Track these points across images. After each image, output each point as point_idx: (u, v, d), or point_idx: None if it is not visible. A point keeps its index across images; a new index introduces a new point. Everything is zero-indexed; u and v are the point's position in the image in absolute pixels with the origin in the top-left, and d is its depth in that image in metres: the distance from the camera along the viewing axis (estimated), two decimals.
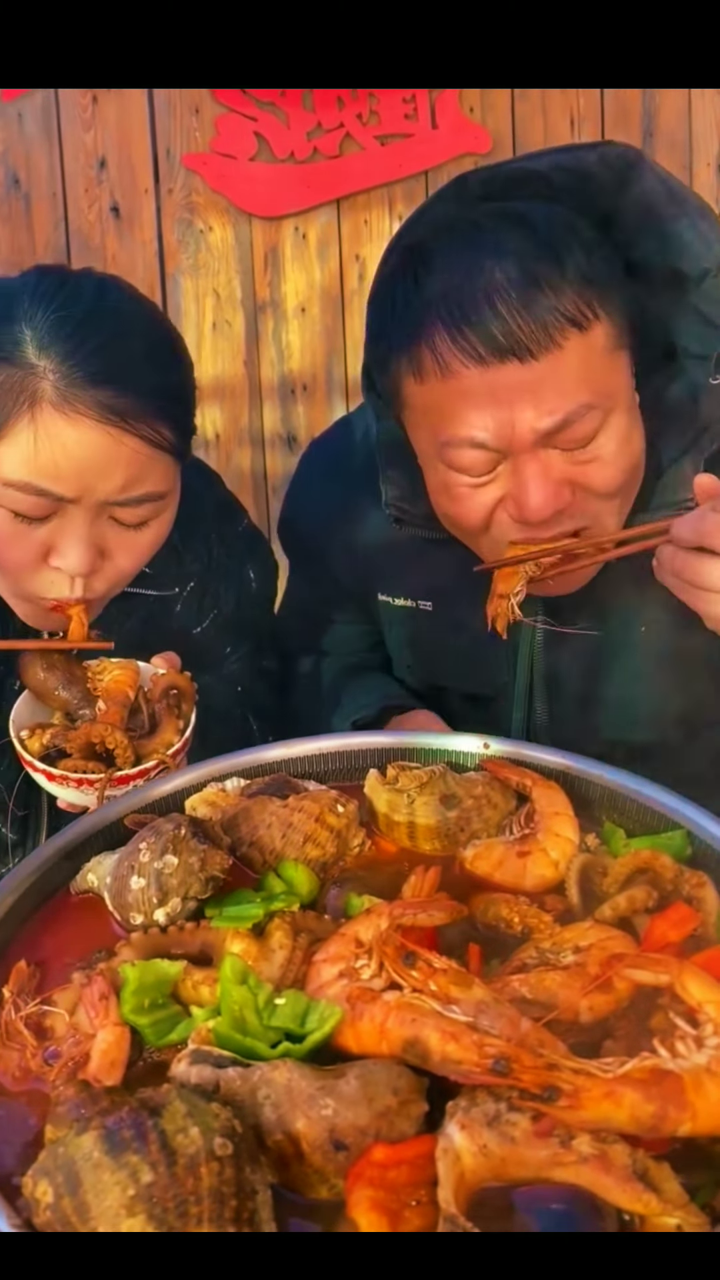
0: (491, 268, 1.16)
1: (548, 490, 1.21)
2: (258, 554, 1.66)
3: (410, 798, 1.11)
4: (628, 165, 1.26)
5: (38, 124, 3.10)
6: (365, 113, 3.14)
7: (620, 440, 1.23)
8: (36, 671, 1.31)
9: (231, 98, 3.10)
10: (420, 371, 1.20)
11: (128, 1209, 0.68)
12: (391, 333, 1.23)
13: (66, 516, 1.23)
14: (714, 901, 0.99)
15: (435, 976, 0.84)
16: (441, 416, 1.22)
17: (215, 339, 3.27)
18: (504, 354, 1.15)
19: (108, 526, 1.26)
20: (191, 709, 1.30)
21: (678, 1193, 0.74)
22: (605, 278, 1.19)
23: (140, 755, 1.23)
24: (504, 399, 1.17)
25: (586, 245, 1.18)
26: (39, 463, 1.19)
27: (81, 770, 1.21)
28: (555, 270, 1.16)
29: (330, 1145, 0.76)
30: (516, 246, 1.16)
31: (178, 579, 1.52)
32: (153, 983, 0.90)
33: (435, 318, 1.17)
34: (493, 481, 1.24)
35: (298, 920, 0.97)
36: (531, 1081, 0.76)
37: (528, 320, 1.14)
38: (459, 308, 1.15)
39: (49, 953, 0.99)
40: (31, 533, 1.24)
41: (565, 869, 1.05)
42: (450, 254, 1.19)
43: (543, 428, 1.17)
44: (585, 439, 1.20)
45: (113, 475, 1.21)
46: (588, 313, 1.16)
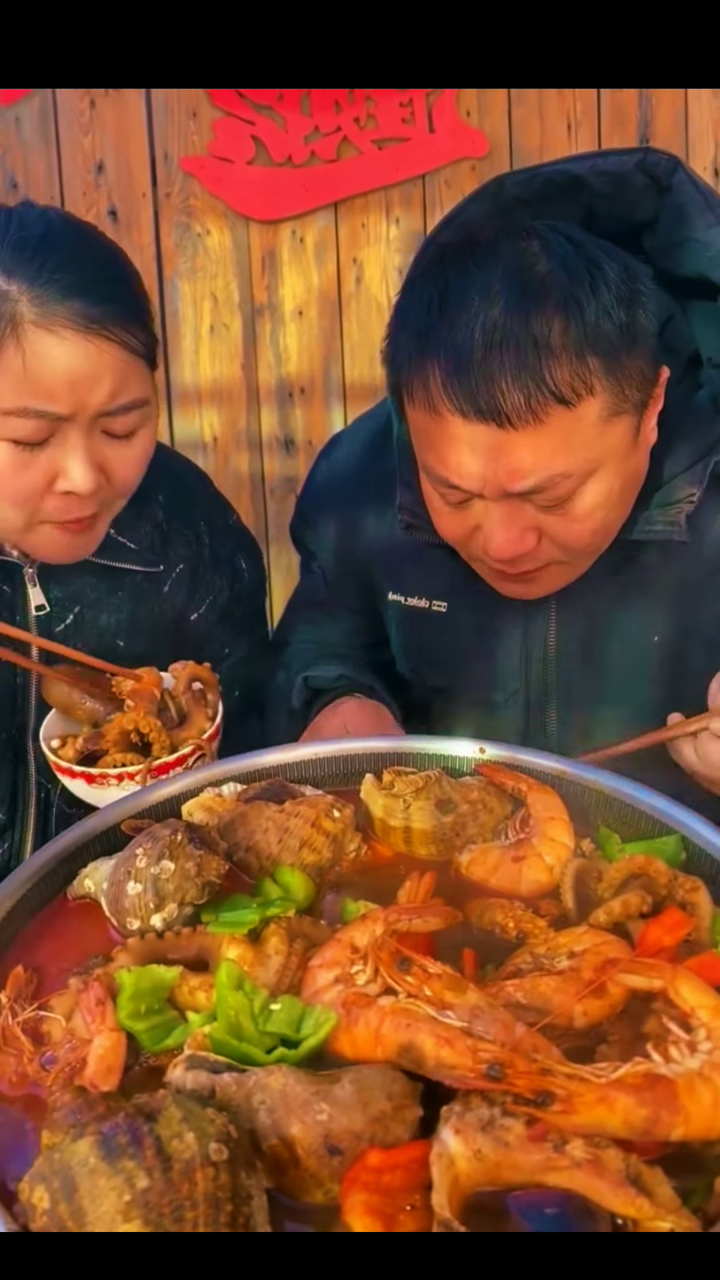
0: (499, 318, 1.13)
1: (512, 535, 1.23)
2: (248, 548, 1.69)
3: (406, 802, 1.11)
4: (666, 172, 1.27)
5: (35, 128, 3.11)
6: (362, 117, 3.14)
7: (597, 501, 1.23)
8: (61, 687, 1.34)
9: (229, 102, 3.11)
10: (413, 398, 1.22)
11: (124, 1214, 0.69)
12: (400, 350, 1.24)
13: (64, 437, 1.27)
14: (708, 906, 1.00)
15: (430, 982, 0.84)
16: (427, 443, 1.24)
17: (213, 342, 3.27)
18: (484, 417, 1.15)
19: (102, 441, 1.30)
20: (218, 698, 1.33)
21: (670, 1197, 0.74)
22: (615, 345, 1.16)
23: (175, 745, 1.26)
24: (479, 454, 1.18)
25: (603, 307, 1.15)
26: (30, 384, 1.23)
27: (120, 764, 1.23)
28: (560, 332, 1.13)
29: (325, 1150, 0.77)
30: (529, 296, 1.14)
31: (165, 558, 1.54)
32: (149, 988, 0.91)
33: (434, 358, 1.17)
34: (468, 509, 1.26)
35: (293, 926, 0.97)
36: (525, 1086, 0.77)
37: (514, 391, 1.13)
38: (456, 357, 1.15)
39: (46, 958, 0.99)
40: (34, 460, 1.27)
41: (560, 874, 1.05)
42: (467, 288, 1.16)
43: (513, 489, 1.19)
44: (558, 500, 1.21)
45: (100, 385, 1.25)
46: (580, 390, 1.14)
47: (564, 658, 1.44)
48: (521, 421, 1.14)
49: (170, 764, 1.23)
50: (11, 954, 0.99)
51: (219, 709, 1.31)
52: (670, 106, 3.25)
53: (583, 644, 1.42)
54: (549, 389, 1.13)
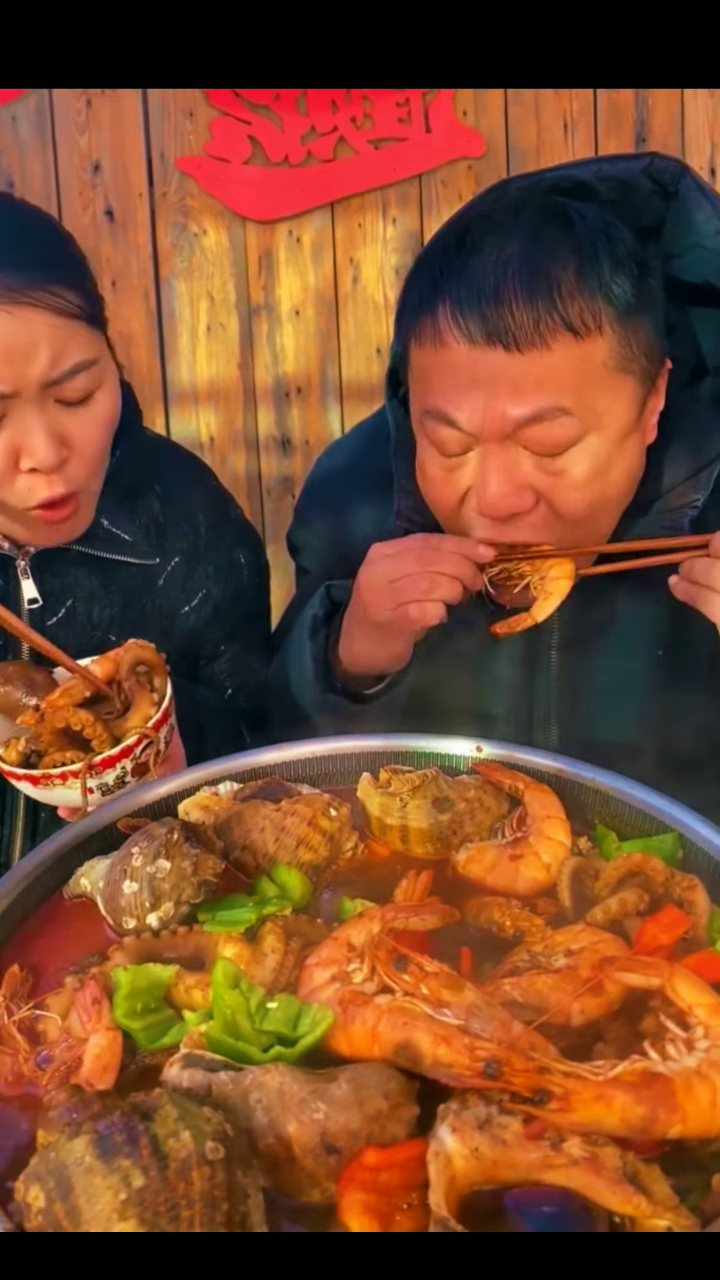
0: (512, 256, 1.16)
1: (507, 487, 1.21)
2: (249, 544, 1.67)
3: (403, 801, 1.11)
4: (673, 178, 1.27)
5: (32, 127, 3.10)
6: (359, 116, 3.14)
7: (595, 465, 1.22)
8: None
9: (225, 101, 3.11)
10: (420, 336, 1.23)
11: (119, 1213, 0.68)
12: (411, 292, 1.25)
13: (15, 415, 1.25)
14: (705, 904, 1.00)
15: (427, 980, 0.84)
16: (427, 385, 1.24)
17: (209, 342, 3.27)
18: (491, 338, 1.16)
19: (57, 412, 1.28)
20: (165, 682, 1.26)
21: (668, 1195, 0.74)
22: (625, 297, 1.18)
23: (120, 735, 1.20)
24: (483, 381, 1.18)
25: (616, 259, 1.18)
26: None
27: (61, 764, 1.18)
28: (574, 274, 1.16)
29: (322, 1149, 0.76)
30: (548, 240, 1.17)
31: (160, 550, 1.53)
32: (145, 987, 0.91)
33: (448, 289, 1.19)
34: (462, 467, 1.25)
35: (290, 924, 0.97)
36: (522, 1084, 0.77)
37: (524, 313, 1.15)
38: (467, 286, 1.17)
39: (42, 957, 0.99)
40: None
41: (557, 872, 1.05)
42: (486, 235, 1.20)
43: (513, 415, 1.18)
44: (555, 445, 1.20)
45: (37, 355, 1.23)
46: (589, 323, 1.16)
47: (566, 670, 1.43)
48: (529, 344, 1.15)
49: (114, 757, 1.18)
50: (7, 953, 0.99)
51: (166, 693, 1.25)
52: (667, 107, 3.25)
53: (584, 656, 1.42)
54: (560, 314, 1.15)
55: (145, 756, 1.20)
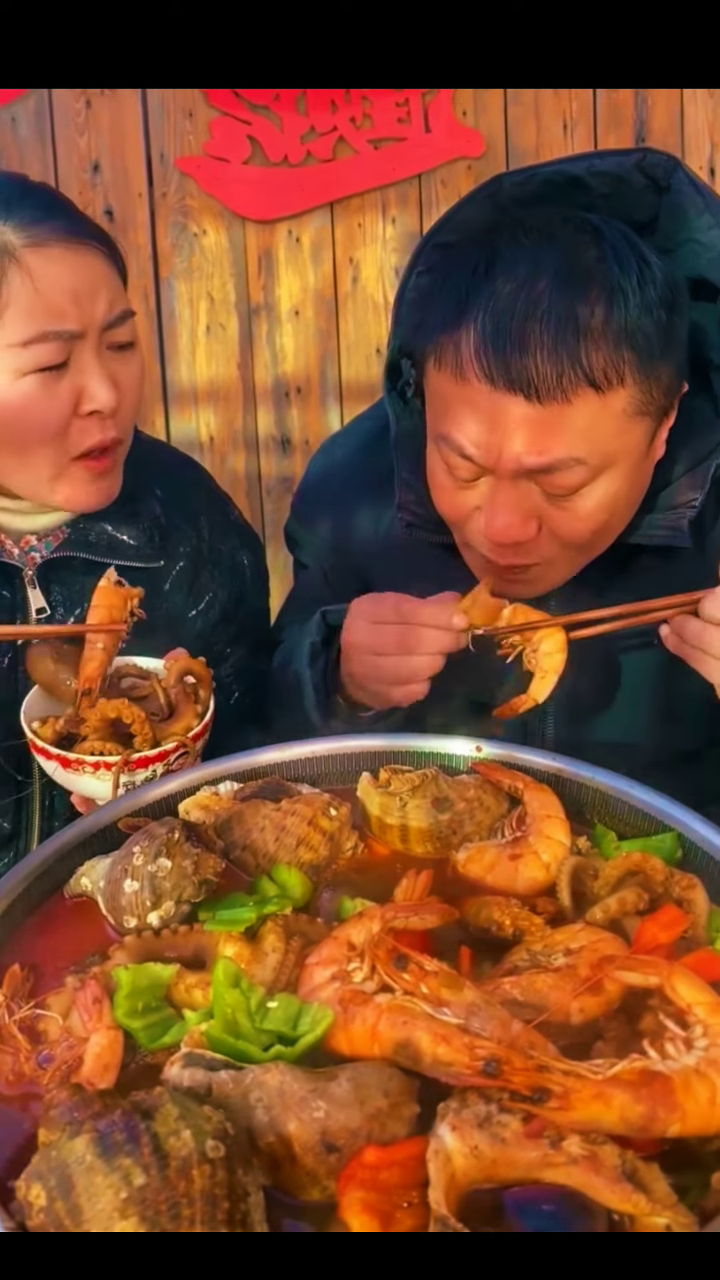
0: (542, 295, 1.14)
1: (515, 519, 1.22)
2: (250, 545, 1.68)
3: (402, 801, 1.11)
4: (666, 173, 1.27)
5: (31, 128, 3.11)
6: (358, 116, 3.14)
7: (604, 500, 1.23)
8: (47, 664, 1.29)
9: (225, 101, 3.11)
10: (440, 360, 1.22)
11: (120, 1212, 0.69)
12: (434, 308, 1.23)
13: (79, 359, 1.32)
14: (704, 904, 1.00)
15: (427, 979, 0.84)
16: (444, 410, 1.23)
17: (209, 342, 3.27)
18: (513, 386, 1.15)
19: (109, 358, 1.35)
20: (210, 695, 1.29)
21: (667, 1193, 0.75)
22: (651, 344, 1.16)
23: (159, 739, 1.22)
24: (500, 424, 1.17)
25: (646, 303, 1.16)
26: (43, 307, 1.28)
27: (98, 752, 1.19)
28: (602, 320, 1.14)
29: (322, 1147, 0.77)
30: (578, 276, 1.15)
31: (164, 552, 1.53)
32: (146, 986, 0.91)
33: (473, 320, 1.17)
34: (472, 489, 1.25)
35: (290, 923, 0.97)
36: (522, 1083, 0.77)
37: (548, 365, 1.13)
38: (494, 322, 1.15)
39: (43, 956, 0.99)
40: (57, 386, 1.31)
41: (557, 871, 1.05)
42: (516, 258, 1.17)
43: (527, 465, 1.18)
44: (567, 488, 1.21)
45: (98, 296, 1.32)
46: (612, 378, 1.15)
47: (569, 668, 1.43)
48: (549, 397, 1.14)
49: (150, 759, 1.18)
50: (8, 952, 0.99)
51: (210, 706, 1.28)
52: (666, 107, 3.26)
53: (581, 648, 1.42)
54: (583, 370, 1.13)
55: (178, 765, 1.21)
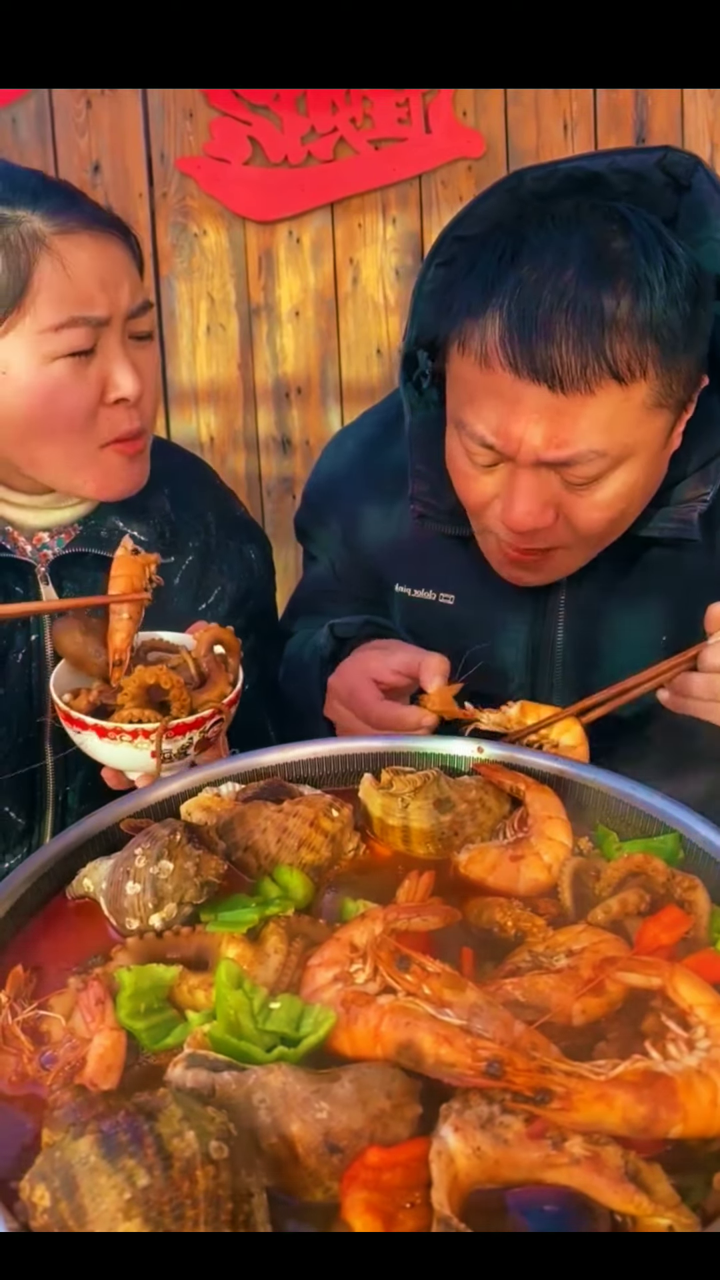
0: (571, 281, 1.14)
1: (534, 506, 1.23)
2: (257, 539, 1.69)
3: (404, 802, 1.11)
4: (687, 172, 1.28)
5: (32, 128, 3.11)
6: (359, 117, 3.14)
7: (622, 490, 1.23)
8: (75, 635, 1.28)
9: (225, 102, 3.11)
10: (464, 344, 1.22)
11: (124, 1212, 0.69)
12: (459, 294, 1.23)
13: (104, 345, 1.34)
14: (705, 904, 1.00)
15: (429, 980, 0.84)
16: (468, 395, 1.24)
17: (209, 342, 3.27)
18: (537, 376, 1.15)
19: (132, 348, 1.38)
20: (239, 664, 1.30)
21: (669, 1194, 0.75)
22: (676, 336, 1.17)
23: (195, 707, 1.22)
24: (523, 413, 1.18)
25: (672, 295, 1.16)
26: (74, 293, 1.30)
27: (136, 720, 1.18)
28: (628, 310, 1.14)
29: (325, 1148, 0.77)
30: (605, 266, 1.15)
31: (173, 548, 1.54)
32: (148, 987, 0.91)
33: (499, 307, 1.17)
34: (492, 474, 1.26)
35: (292, 925, 0.97)
36: (524, 1084, 0.77)
37: (573, 355, 1.14)
38: (521, 311, 1.15)
39: (45, 958, 0.99)
40: (86, 372, 1.33)
41: (558, 873, 1.06)
42: (544, 246, 1.17)
43: (547, 456, 1.19)
44: (586, 479, 1.21)
45: (122, 284, 1.34)
46: (635, 369, 1.15)
47: (570, 654, 1.44)
48: (573, 388, 1.14)
49: (188, 725, 1.18)
50: (11, 953, 0.99)
51: (239, 675, 1.28)
52: (666, 107, 3.26)
53: (590, 641, 1.42)
54: (607, 361, 1.14)
55: (212, 732, 1.21)
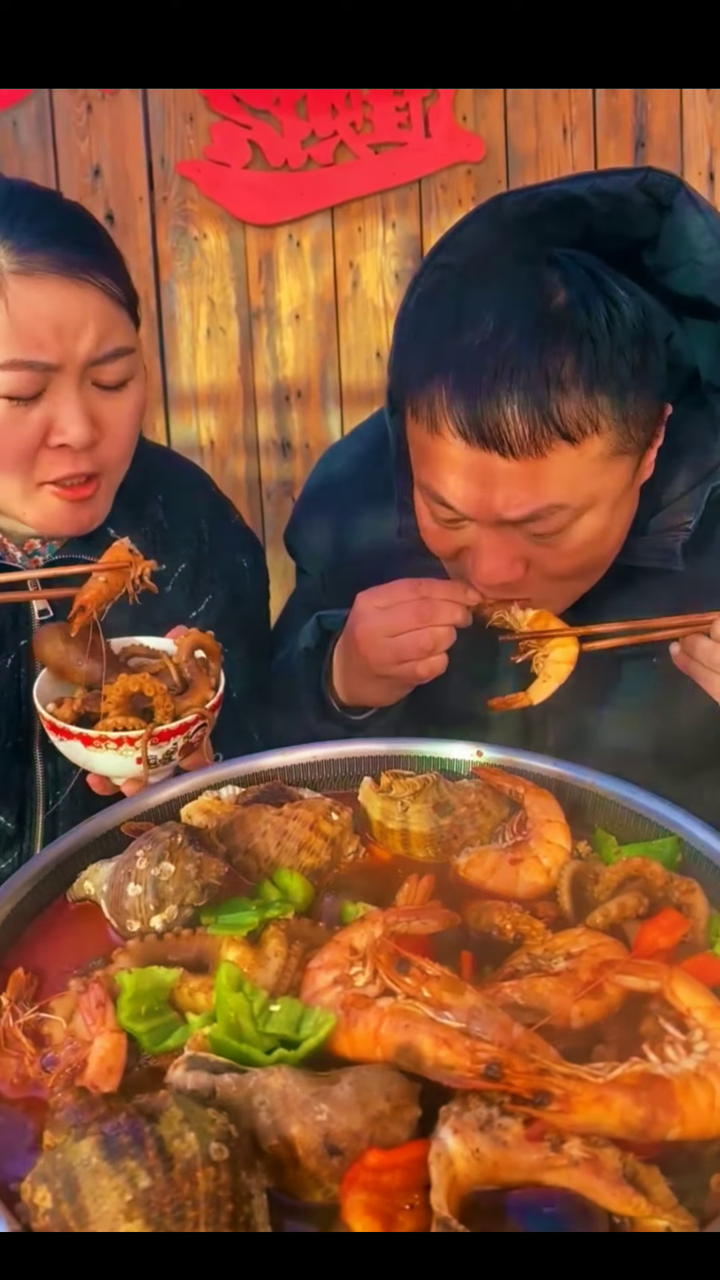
0: (512, 345, 1.13)
1: (500, 564, 1.23)
2: (250, 548, 1.68)
3: (404, 805, 1.12)
4: (668, 193, 1.27)
5: (32, 132, 3.11)
6: (359, 121, 3.15)
7: (589, 536, 1.23)
8: (56, 644, 1.29)
9: (226, 106, 3.12)
10: (416, 412, 1.22)
11: (125, 1214, 0.69)
12: (409, 363, 1.24)
13: (55, 389, 1.28)
14: (703, 908, 1.00)
15: (428, 983, 0.85)
16: (423, 461, 1.24)
17: (209, 346, 3.28)
18: (485, 444, 1.15)
19: (93, 394, 1.31)
20: (220, 668, 1.30)
21: (667, 1196, 0.75)
22: (626, 386, 1.16)
23: (178, 713, 1.23)
24: (477, 478, 1.18)
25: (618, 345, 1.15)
26: (17, 334, 1.24)
27: (120, 728, 1.19)
28: (572, 369, 1.13)
29: (325, 1150, 0.77)
30: (546, 324, 1.14)
31: (165, 556, 1.53)
32: (149, 990, 0.91)
33: (443, 377, 1.16)
34: (458, 530, 1.26)
35: (293, 927, 0.98)
36: (523, 1086, 0.77)
37: (519, 422, 1.13)
38: (463, 379, 1.14)
39: (46, 960, 1.00)
40: (26, 415, 1.28)
41: (557, 876, 1.06)
42: (482, 305, 1.16)
43: (508, 517, 1.19)
44: (550, 532, 1.21)
45: (86, 331, 1.27)
46: (586, 427, 1.15)
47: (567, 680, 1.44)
48: (523, 452, 1.14)
49: (172, 731, 1.20)
50: (12, 956, 1.00)
51: (221, 679, 1.28)
52: (665, 111, 3.26)
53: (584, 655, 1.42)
54: (555, 424, 1.13)
55: (196, 737, 1.22)
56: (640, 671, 1.42)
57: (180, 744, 1.21)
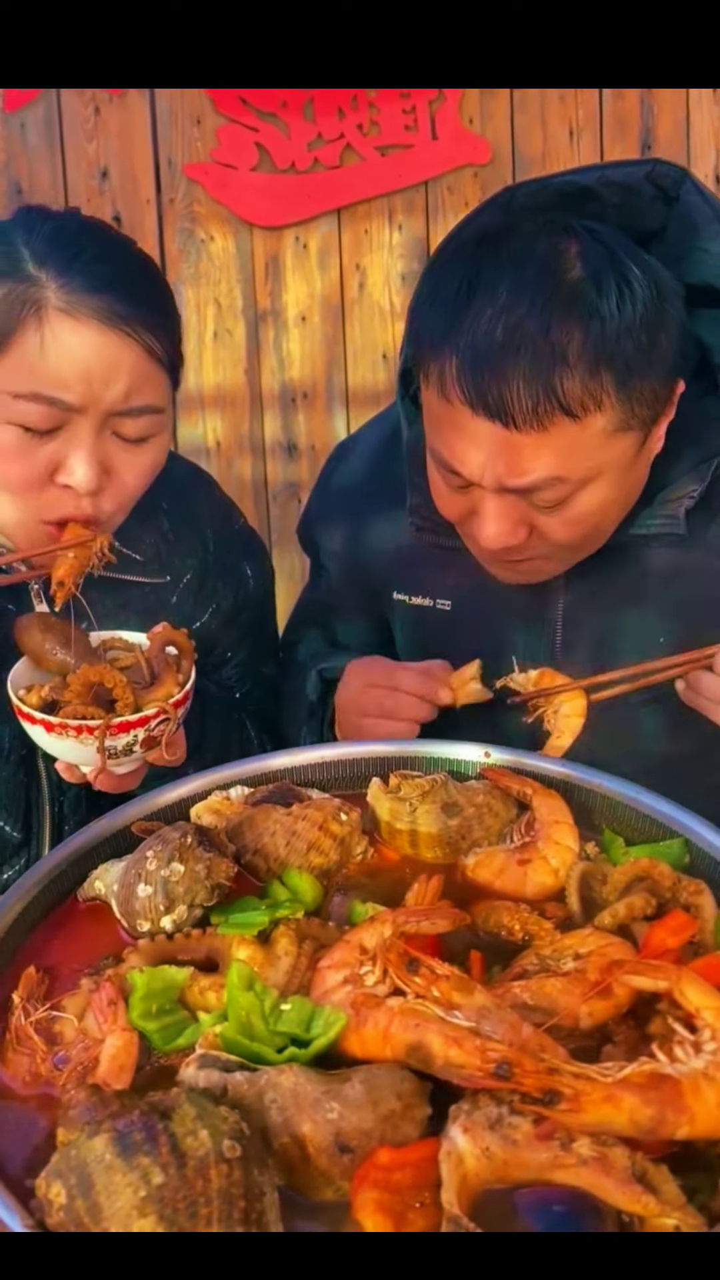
0: (522, 318, 1.14)
1: (504, 528, 1.24)
2: (255, 553, 1.68)
3: (412, 806, 1.12)
4: (675, 184, 1.29)
5: (40, 134, 3.12)
6: (365, 123, 3.15)
7: (592, 507, 1.24)
8: (34, 633, 1.30)
9: (233, 108, 3.12)
10: (429, 379, 1.24)
11: (139, 1210, 0.70)
12: (427, 330, 1.24)
13: (73, 430, 1.27)
14: (711, 909, 1.01)
15: (438, 983, 0.85)
16: (434, 425, 1.26)
17: (216, 348, 3.28)
18: (491, 414, 1.16)
19: (111, 443, 1.30)
20: (191, 666, 1.30)
21: (676, 1194, 0.76)
22: (632, 364, 1.17)
23: (141, 705, 1.23)
24: (481, 446, 1.19)
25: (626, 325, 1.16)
26: (46, 370, 1.23)
27: (81, 716, 1.20)
28: (579, 345, 1.14)
29: (335, 1148, 0.78)
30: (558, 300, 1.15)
31: (170, 568, 1.54)
32: (160, 989, 0.92)
33: (454, 347, 1.18)
34: (467, 494, 1.27)
35: (302, 927, 0.98)
36: (533, 1085, 0.78)
37: (524, 395, 1.14)
38: (473, 350, 1.16)
39: (58, 959, 1.01)
40: (39, 448, 1.27)
41: (565, 877, 1.06)
42: (497, 278, 1.17)
43: (509, 485, 1.20)
44: (552, 503, 1.22)
45: (115, 382, 1.26)
46: (589, 404, 1.16)
47: (569, 659, 1.45)
48: (526, 425, 1.16)
49: (131, 723, 1.20)
50: (24, 955, 1.00)
51: (191, 676, 1.28)
52: (672, 114, 3.27)
53: (588, 645, 1.43)
54: (558, 400, 1.14)
55: (158, 731, 1.22)
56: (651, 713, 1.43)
57: (141, 736, 1.21)
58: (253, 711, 1.63)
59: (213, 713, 1.51)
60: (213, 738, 1.47)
